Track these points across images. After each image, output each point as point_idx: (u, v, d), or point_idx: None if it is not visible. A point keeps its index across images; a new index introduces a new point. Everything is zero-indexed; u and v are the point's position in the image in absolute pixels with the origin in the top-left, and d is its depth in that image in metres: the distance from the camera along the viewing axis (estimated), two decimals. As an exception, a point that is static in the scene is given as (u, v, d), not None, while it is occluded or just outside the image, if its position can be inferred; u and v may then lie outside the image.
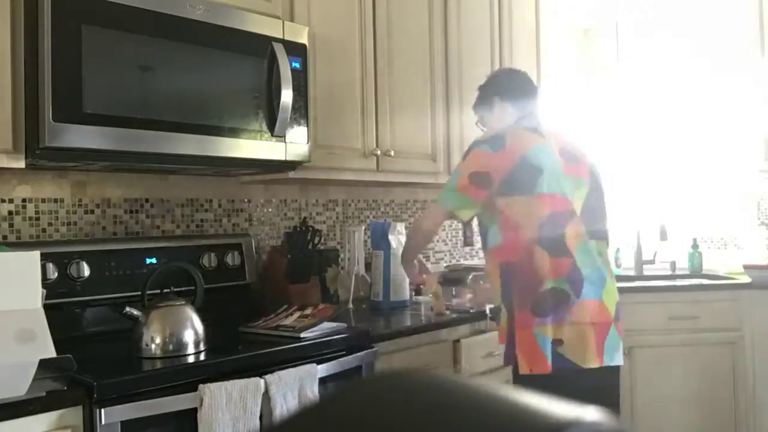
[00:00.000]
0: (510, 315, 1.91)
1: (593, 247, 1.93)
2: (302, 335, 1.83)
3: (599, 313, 1.90)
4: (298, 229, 2.48)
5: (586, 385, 1.80)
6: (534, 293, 1.87)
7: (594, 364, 1.87)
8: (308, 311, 2.00)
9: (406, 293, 2.60)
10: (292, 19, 2.19)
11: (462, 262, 3.41)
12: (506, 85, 2.16)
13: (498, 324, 2.00)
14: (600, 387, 1.88)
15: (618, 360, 1.93)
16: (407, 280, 2.59)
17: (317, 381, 1.74)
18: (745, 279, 3.19)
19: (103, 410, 1.39)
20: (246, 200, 2.52)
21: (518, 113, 2.09)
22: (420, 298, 2.73)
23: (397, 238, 2.60)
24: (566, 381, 1.81)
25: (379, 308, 2.52)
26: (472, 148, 1.98)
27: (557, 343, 1.85)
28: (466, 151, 2.01)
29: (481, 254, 3.52)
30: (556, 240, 1.88)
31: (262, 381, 1.61)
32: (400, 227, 2.64)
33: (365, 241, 2.77)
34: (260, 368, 1.65)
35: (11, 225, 1.93)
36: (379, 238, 2.59)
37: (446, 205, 1.96)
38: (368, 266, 2.65)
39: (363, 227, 2.68)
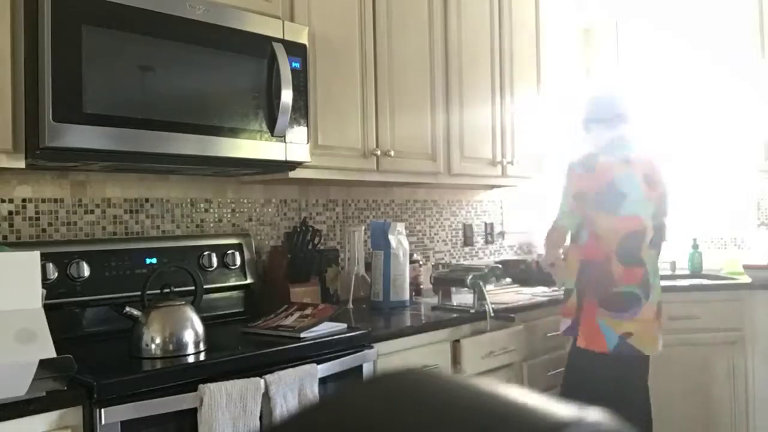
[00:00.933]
0: (579, 300, 2.37)
1: (654, 256, 2.41)
2: (302, 335, 1.83)
3: (657, 311, 2.40)
4: (298, 229, 2.48)
5: (639, 365, 2.44)
6: (606, 291, 2.32)
7: (654, 351, 2.40)
8: (308, 311, 2.00)
9: (406, 293, 2.60)
10: (292, 19, 2.19)
11: (462, 262, 3.41)
12: (594, 113, 2.52)
13: (565, 303, 2.43)
14: (645, 366, 2.47)
15: (661, 344, 2.46)
16: (407, 281, 2.62)
17: (317, 381, 1.74)
18: (745, 279, 3.19)
19: (103, 410, 1.39)
20: (246, 200, 2.52)
21: (609, 137, 2.45)
22: (420, 298, 2.73)
23: (397, 238, 2.60)
24: (623, 362, 2.35)
25: (380, 308, 2.52)
26: (571, 168, 2.41)
27: (626, 335, 2.31)
28: (567, 170, 2.42)
29: (481, 254, 3.54)
30: (632, 253, 2.33)
31: (262, 381, 1.61)
32: (400, 227, 2.64)
33: (365, 241, 2.77)
34: (260, 368, 1.65)
35: (11, 225, 1.93)
36: (379, 238, 2.58)
37: (569, 226, 2.43)
38: (368, 266, 2.65)
39: (363, 227, 2.68)
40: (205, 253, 2.23)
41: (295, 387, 1.67)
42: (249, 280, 2.35)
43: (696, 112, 3.78)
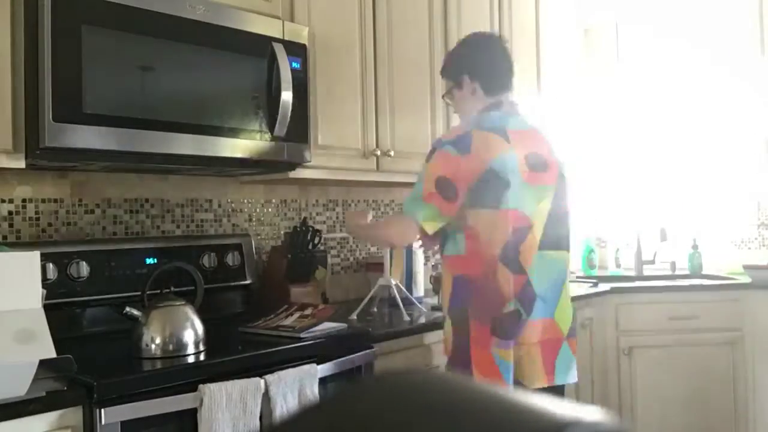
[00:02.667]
0: (462, 330, 1.81)
1: (553, 258, 1.84)
2: (302, 335, 1.83)
3: (550, 330, 1.83)
4: (298, 229, 2.48)
5: None
6: (496, 312, 1.77)
7: (540, 383, 1.80)
8: (308, 311, 2.00)
9: (421, 290, 2.65)
10: (292, 19, 2.19)
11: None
12: (479, 60, 1.96)
13: (444, 334, 1.91)
14: None
15: (571, 377, 1.87)
16: (423, 278, 2.66)
17: (317, 381, 1.74)
18: (745, 279, 3.19)
19: (103, 410, 1.39)
20: (246, 200, 2.52)
21: (489, 99, 1.93)
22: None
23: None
24: None
25: (396, 304, 2.46)
26: (437, 147, 1.83)
27: (514, 366, 1.78)
28: (431, 149, 1.85)
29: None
30: (515, 257, 1.78)
31: (262, 381, 1.61)
32: None
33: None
34: (260, 368, 1.65)
35: (11, 225, 1.93)
36: None
37: (417, 216, 1.77)
38: (369, 266, 2.65)
39: None
40: (205, 253, 2.23)
41: (295, 387, 1.67)
42: (249, 280, 2.35)
43: (696, 112, 3.78)
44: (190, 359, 1.65)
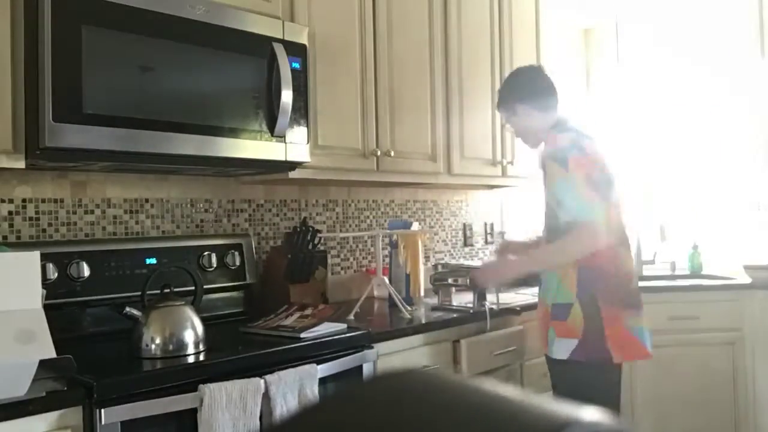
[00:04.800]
0: (593, 313, 2.00)
1: None
2: (302, 335, 1.83)
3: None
4: (298, 229, 2.48)
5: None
6: (625, 290, 2.04)
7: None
8: (308, 311, 2.00)
9: (422, 290, 2.66)
10: (292, 19, 2.19)
11: (462, 262, 3.41)
12: (531, 88, 2.19)
13: (564, 320, 2.04)
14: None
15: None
16: (422, 279, 2.65)
17: (317, 381, 1.74)
18: (745, 279, 3.19)
19: (103, 410, 1.39)
20: (246, 200, 2.52)
21: (556, 115, 2.17)
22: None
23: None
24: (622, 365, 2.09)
25: (395, 304, 2.46)
26: (565, 156, 1.98)
27: (649, 331, 2.07)
28: (561, 158, 1.98)
29: (481, 254, 3.53)
30: (628, 242, 2.10)
31: (262, 381, 1.61)
32: (415, 227, 2.69)
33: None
34: (260, 368, 1.65)
35: (11, 225, 1.93)
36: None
37: (595, 217, 1.93)
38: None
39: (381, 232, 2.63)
40: (205, 253, 2.23)
41: (295, 387, 1.67)
42: (249, 280, 2.35)
43: (696, 112, 3.78)
44: (190, 359, 1.65)
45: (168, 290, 1.78)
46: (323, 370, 1.78)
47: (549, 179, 2.04)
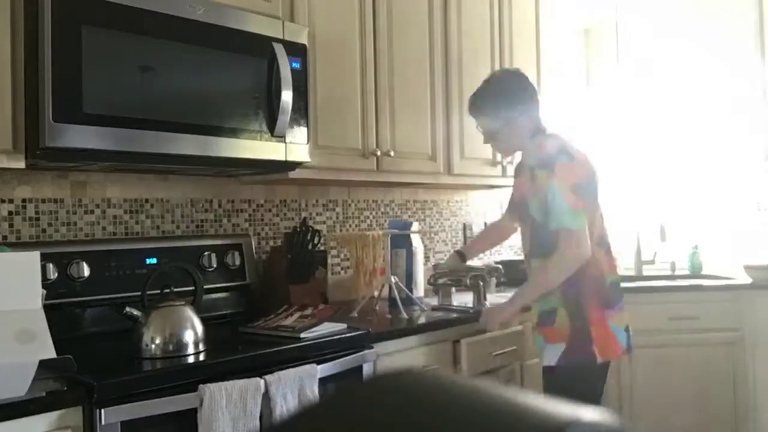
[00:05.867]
0: (579, 316, 2.01)
1: None
2: (302, 335, 1.83)
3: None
4: (298, 229, 2.48)
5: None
6: (602, 289, 2.04)
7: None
8: (308, 311, 2.00)
9: (421, 290, 2.67)
10: (292, 20, 2.19)
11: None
12: (516, 91, 2.13)
13: (551, 325, 2.05)
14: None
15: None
16: (422, 279, 2.66)
17: (317, 381, 1.74)
18: (745, 279, 3.19)
19: (103, 410, 1.39)
20: (246, 200, 2.52)
21: (539, 120, 2.14)
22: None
23: (417, 237, 2.70)
24: (606, 364, 2.07)
25: (396, 306, 2.46)
26: (552, 162, 1.97)
27: (627, 328, 2.07)
28: (549, 166, 1.97)
29: (482, 255, 3.53)
30: (608, 242, 2.10)
31: (262, 381, 1.61)
32: (415, 227, 2.71)
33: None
34: (260, 368, 1.65)
35: (11, 225, 1.93)
36: (399, 237, 2.62)
37: (581, 225, 1.96)
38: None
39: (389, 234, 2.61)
40: (205, 253, 2.23)
41: (295, 387, 1.67)
42: (249, 280, 2.35)
43: (696, 112, 3.78)
44: (190, 359, 1.65)
45: (168, 290, 1.78)
46: (323, 370, 1.78)
47: (536, 188, 2.01)
